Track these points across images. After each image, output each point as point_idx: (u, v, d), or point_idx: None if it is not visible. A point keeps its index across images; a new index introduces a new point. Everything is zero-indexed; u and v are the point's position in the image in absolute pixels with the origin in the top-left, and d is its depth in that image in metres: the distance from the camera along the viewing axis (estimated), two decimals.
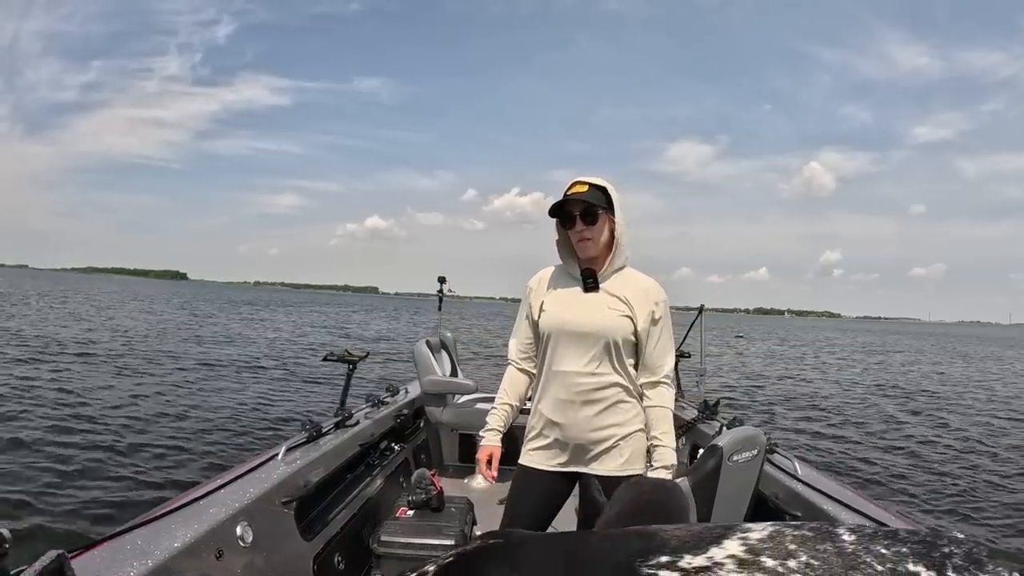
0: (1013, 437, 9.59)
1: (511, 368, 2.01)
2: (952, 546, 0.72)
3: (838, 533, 0.78)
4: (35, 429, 6.27)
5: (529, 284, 1.99)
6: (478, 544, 1.00)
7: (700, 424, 3.34)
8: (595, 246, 1.82)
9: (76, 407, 7.48)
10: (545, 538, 1.17)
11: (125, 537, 1.45)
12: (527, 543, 1.03)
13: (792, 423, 9.87)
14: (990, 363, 28.91)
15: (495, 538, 1.02)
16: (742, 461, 2.06)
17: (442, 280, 4.58)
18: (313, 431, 2.56)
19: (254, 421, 7.64)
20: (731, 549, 0.78)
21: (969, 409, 12.46)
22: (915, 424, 10.37)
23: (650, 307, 1.83)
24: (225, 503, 1.77)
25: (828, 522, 0.84)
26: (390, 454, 3.36)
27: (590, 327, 1.80)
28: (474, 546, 0.99)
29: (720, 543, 0.79)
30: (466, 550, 0.99)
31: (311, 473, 2.32)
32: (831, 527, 0.80)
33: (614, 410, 1.83)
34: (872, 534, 0.77)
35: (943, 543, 0.73)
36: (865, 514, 1.96)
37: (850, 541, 0.76)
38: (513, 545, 1.00)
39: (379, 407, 3.40)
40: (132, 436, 6.39)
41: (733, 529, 0.83)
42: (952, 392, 15.54)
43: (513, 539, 1.05)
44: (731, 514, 2.14)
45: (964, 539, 0.75)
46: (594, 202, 1.79)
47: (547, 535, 1.24)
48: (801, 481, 2.34)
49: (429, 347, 3.99)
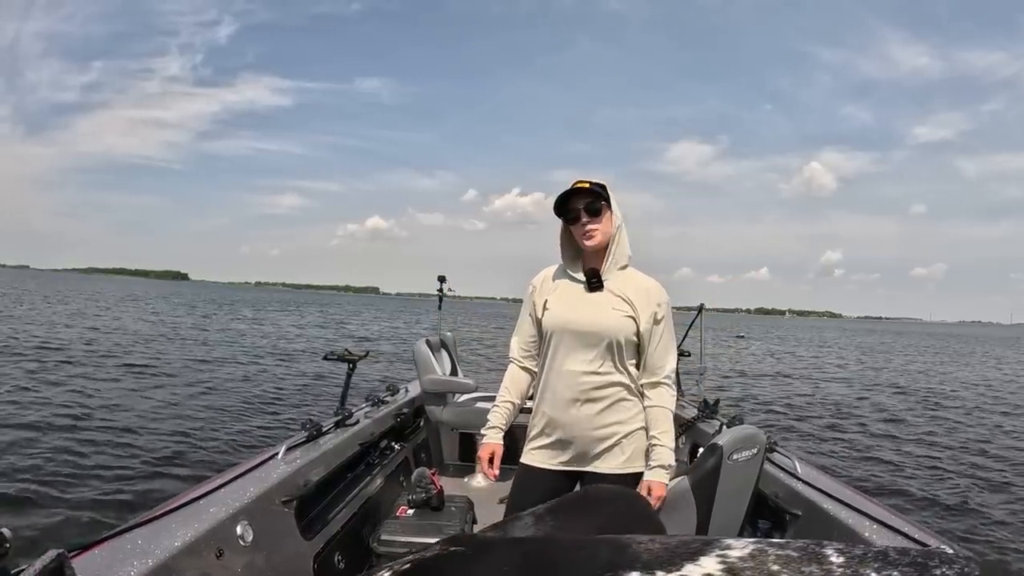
0: (1013, 436, 9.60)
1: (512, 366, 2.02)
2: (944, 567, 0.69)
3: (826, 555, 0.73)
4: (35, 429, 6.28)
5: (532, 283, 2.00)
6: (436, 551, 0.95)
7: (700, 423, 3.34)
8: (601, 238, 1.84)
9: (75, 407, 7.47)
10: (509, 543, 1.10)
11: (126, 536, 1.45)
12: (489, 549, 0.98)
13: (792, 422, 9.88)
14: (991, 362, 28.94)
15: (455, 544, 0.97)
16: (742, 460, 2.07)
17: (442, 279, 4.58)
18: (313, 430, 2.56)
19: (254, 420, 7.66)
20: (708, 567, 0.73)
21: (970, 408, 12.46)
22: (915, 423, 10.37)
23: (652, 308, 1.84)
24: (225, 502, 1.77)
25: (816, 541, 0.76)
26: (390, 453, 3.35)
27: (594, 327, 1.81)
28: (432, 553, 0.94)
29: (696, 559, 0.75)
30: (424, 556, 0.94)
31: (311, 472, 2.32)
32: (818, 547, 0.74)
33: (616, 408, 1.84)
34: (862, 556, 0.72)
35: (934, 564, 0.69)
36: (866, 513, 1.96)
37: (838, 564, 0.71)
38: (474, 551, 0.94)
39: (379, 406, 3.40)
40: (132, 436, 6.39)
41: (712, 545, 0.78)
42: (952, 392, 15.53)
43: (474, 544, 0.99)
44: (731, 512, 2.15)
45: (956, 556, 0.71)
46: (600, 193, 1.82)
47: (512, 540, 1.17)
48: (801, 480, 2.34)
49: (429, 346, 3.99)
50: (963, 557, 0.72)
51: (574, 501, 1.58)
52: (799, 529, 2.26)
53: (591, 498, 1.60)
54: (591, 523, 1.42)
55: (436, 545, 0.97)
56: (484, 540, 1.05)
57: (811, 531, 2.17)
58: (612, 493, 1.59)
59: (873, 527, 1.89)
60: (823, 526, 2.07)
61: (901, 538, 1.78)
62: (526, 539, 1.15)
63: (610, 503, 1.51)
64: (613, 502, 1.52)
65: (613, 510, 1.48)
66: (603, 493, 1.63)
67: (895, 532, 1.82)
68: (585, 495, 1.70)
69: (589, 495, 1.68)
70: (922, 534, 1.81)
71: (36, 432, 6.15)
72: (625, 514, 1.46)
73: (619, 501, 1.53)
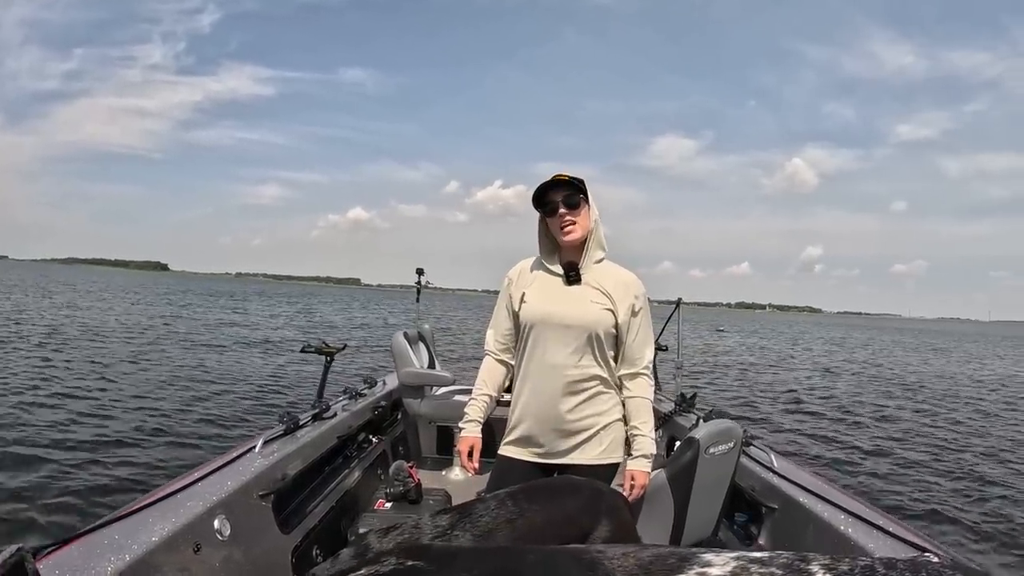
0: (989, 429, 9.87)
1: (489, 359, 2.01)
2: None
3: (811, 571, 0.68)
4: (4, 425, 6.14)
5: (508, 275, 2.00)
6: (393, 566, 0.88)
7: (677, 417, 3.37)
8: (579, 231, 1.84)
9: (47, 400, 7.35)
10: (472, 557, 1.01)
11: (102, 531, 1.42)
12: (450, 562, 0.91)
13: (769, 416, 10.03)
14: (969, 359, 29.57)
15: (414, 557, 0.90)
16: (719, 453, 2.09)
17: (420, 272, 4.56)
18: (291, 423, 2.54)
19: (231, 413, 7.56)
20: None
21: (949, 402, 12.79)
22: (893, 418, 10.58)
23: (631, 300, 1.86)
24: (202, 496, 1.75)
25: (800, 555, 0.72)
26: (368, 446, 3.34)
27: (574, 320, 1.83)
28: (389, 568, 0.88)
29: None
30: (379, 572, 0.88)
31: (289, 466, 2.30)
32: (803, 562, 0.70)
33: (594, 401, 1.85)
34: (849, 571, 0.68)
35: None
36: (841, 507, 2.00)
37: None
38: (436, 567, 0.88)
39: (357, 399, 3.39)
40: (107, 430, 6.27)
41: (690, 561, 0.73)
42: (929, 386, 15.88)
43: (433, 555, 0.93)
44: (708, 506, 2.18)
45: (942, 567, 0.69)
46: (578, 187, 1.83)
47: (475, 550, 1.12)
48: (777, 474, 2.37)
49: (407, 339, 3.97)
50: (950, 565, 0.70)
51: (540, 488, 1.58)
52: (775, 522, 2.30)
53: (557, 487, 1.61)
54: (554, 512, 1.42)
55: (392, 557, 0.91)
56: (444, 552, 0.99)
57: (787, 524, 2.21)
58: (579, 484, 1.60)
59: (849, 521, 1.92)
60: (799, 519, 2.11)
61: (876, 531, 1.81)
62: (490, 553, 1.08)
63: (576, 493, 1.52)
64: (579, 492, 1.53)
65: (579, 501, 1.48)
66: (570, 483, 1.64)
67: (870, 526, 1.85)
68: (551, 483, 1.71)
69: (555, 484, 1.69)
70: (896, 527, 1.84)
71: (7, 429, 6.02)
72: (591, 507, 1.47)
73: (586, 491, 1.54)
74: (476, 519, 1.35)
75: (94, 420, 6.63)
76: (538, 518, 1.38)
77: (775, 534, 2.31)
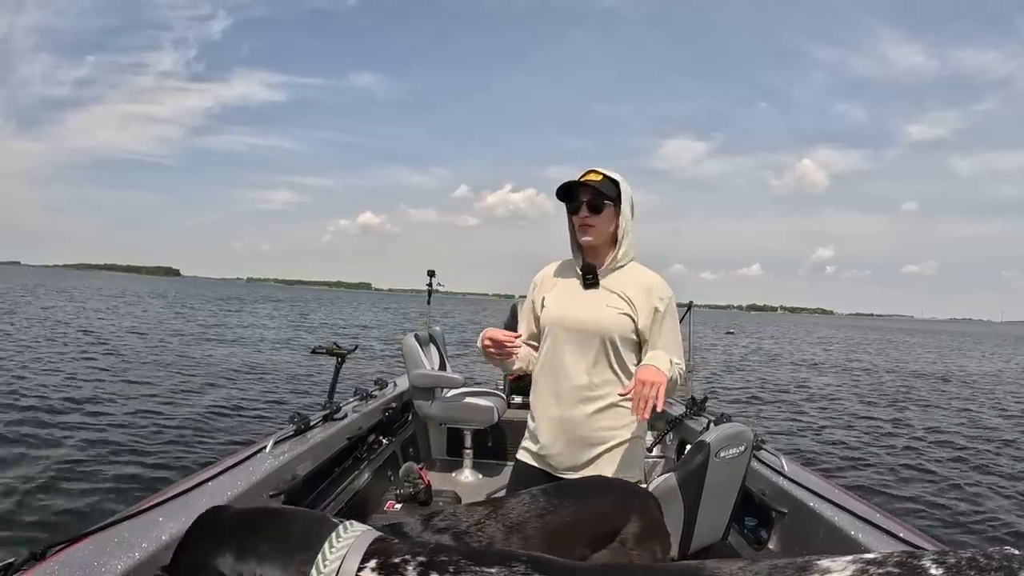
0: (1003, 433, 9.73)
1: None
2: None
3: (924, 567, 0.65)
4: (19, 424, 6.22)
5: (535, 279, 1.98)
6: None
7: (688, 420, 3.35)
8: (597, 235, 1.78)
9: (61, 402, 7.43)
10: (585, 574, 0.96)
11: (112, 529, 1.44)
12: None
13: (780, 420, 9.95)
14: (985, 360, 29.24)
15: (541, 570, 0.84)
16: (729, 457, 2.08)
17: (431, 274, 4.56)
18: (301, 424, 2.55)
19: (242, 414, 7.63)
20: None
21: (959, 406, 12.59)
22: (901, 421, 10.46)
23: (653, 303, 1.77)
24: (213, 496, 1.76)
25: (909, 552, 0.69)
26: (378, 448, 3.35)
27: (587, 324, 1.77)
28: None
29: None
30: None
31: (299, 466, 2.31)
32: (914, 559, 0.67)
33: (609, 412, 1.78)
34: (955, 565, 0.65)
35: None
36: (852, 512, 1.98)
37: None
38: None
39: (367, 400, 3.39)
40: (119, 430, 6.35)
41: (809, 569, 0.70)
42: (941, 390, 15.69)
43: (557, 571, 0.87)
44: (718, 509, 2.16)
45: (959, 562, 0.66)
46: (604, 192, 1.75)
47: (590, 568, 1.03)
48: (787, 478, 2.36)
49: (418, 341, 3.98)
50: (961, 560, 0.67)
51: (573, 484, 1.63)
52: (785, 526, 2.28)
53: (588, 484, 1.64)
54: (585, 509, 1.46)
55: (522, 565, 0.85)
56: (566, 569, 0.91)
57: (797, 528, 2.20)
58: (611, 482, 1.65)
59: (859, 525, 1.90)
60: (809, 524, 2.09)
61: (887, 537, 1.79)
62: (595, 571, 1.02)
63: (607, 490, 1.57)
64: (610, 489, 1.58)
65: (610, 499, 1.53)
66: (602, 481, 1.67)
67: (881, 531, 1.83)
68: (583, 480, 1.72)
69: (586, 481, 1.70)
70: (908, 533, 1.82)
71: (21, 427, 6.10)
72: (622, 504, 1.50)
73: (617, 488, 1.59)
74: (508, 511, 1.37)
75: (106, 420, 6.72)
76: (569, 514, 1.39)
77: (785, 538, 2.30)
